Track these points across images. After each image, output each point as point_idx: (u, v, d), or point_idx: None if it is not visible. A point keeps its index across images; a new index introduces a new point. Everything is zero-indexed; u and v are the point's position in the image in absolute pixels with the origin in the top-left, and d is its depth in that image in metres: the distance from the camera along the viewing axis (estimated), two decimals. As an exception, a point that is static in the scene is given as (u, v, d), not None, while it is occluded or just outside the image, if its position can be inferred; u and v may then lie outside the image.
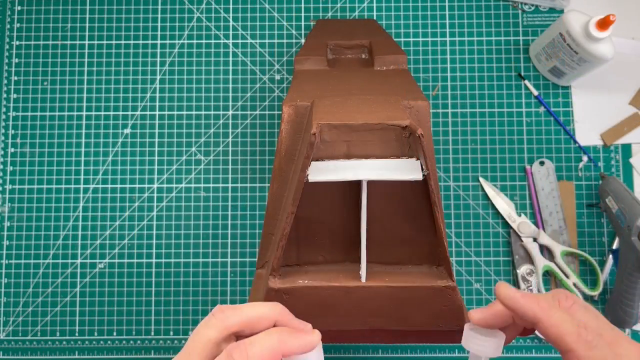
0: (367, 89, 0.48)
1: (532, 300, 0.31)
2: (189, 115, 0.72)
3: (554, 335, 0.30)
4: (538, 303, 0.31)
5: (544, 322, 0.30)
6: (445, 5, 0.73)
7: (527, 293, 0.32)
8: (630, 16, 0.72)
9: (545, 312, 0.30)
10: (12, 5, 0.74)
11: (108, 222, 0.71)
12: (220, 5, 0.74)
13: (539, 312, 0.30)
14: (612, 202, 0.65)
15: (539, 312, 0.30)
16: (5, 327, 0.70)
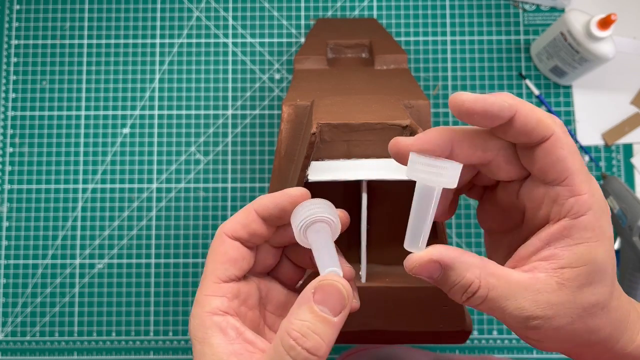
0: (368, 89, 0.48)
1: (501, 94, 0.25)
2: (188, 114, 0.72)
3: (535, 121, 0.25)
4: (508, 96, 0.25)
5: (520, 110, 0.25)
6: (446, 5, 0.73)
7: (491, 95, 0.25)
8: (631, 15, 0.72)
9: (517, 100, 0.25)
10: (11, 4, 0.74)
11: (107, 222, 0.70)
12: (219, 4, 0.74)
13: (514, 102, 0.25)
14: (613, 202, 0.65)
15: (513, 102, 0.25)
16: (4, 328, 0.70)
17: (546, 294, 0.24)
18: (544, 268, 0.25)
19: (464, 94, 0.25)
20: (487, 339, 0.69)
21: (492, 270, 0.25)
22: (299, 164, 0.37)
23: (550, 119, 0.26)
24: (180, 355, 0.69)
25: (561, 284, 0.24)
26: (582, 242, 0.24)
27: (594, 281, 0.25)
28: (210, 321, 0.25)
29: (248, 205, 0.28)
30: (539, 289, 0.24)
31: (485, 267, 0.25)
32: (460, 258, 0.25)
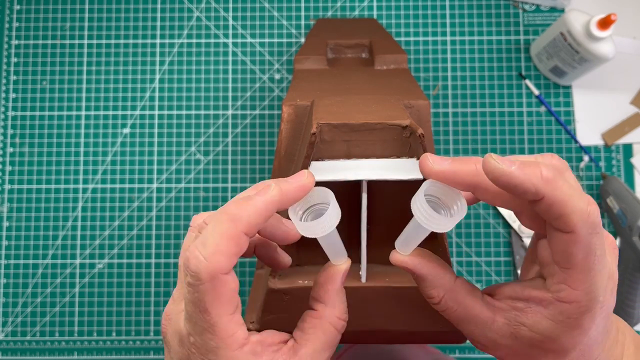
0: (368, 89, 0.48)
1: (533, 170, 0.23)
2: (188, 114, 0.72)
3: (558, 213, 0.23)
4: (541, 174, 0.23)
5: (548, 197, 0.23)
6: (446, 5, 0.73)
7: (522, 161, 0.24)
8: (631, 15, 0.72)
9: (550, 185, 0.23)
10: (11, 4, 0.74)
11: (107, 222, 0.71)
12: (220, 4, 0.74)
13: (542, 185, 0.23)
14: (613, 202, 0.65)
15: (542, 186, 0.23)
16: (5, 328, 0.70)
17: (497, 336, 0.27)
18: (508, 317, 0.27)
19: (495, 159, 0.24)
20: (487, 338, 0.69)
21: (457, 296, 0.28)
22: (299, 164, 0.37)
23: (580, 214, 0.23)
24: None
25: (514, 337, 0.26)
26: (554, 321, 0.25)
27: (547, 350, 0.26)
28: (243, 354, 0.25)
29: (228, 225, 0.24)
30: (492, 329, 0.27)
31: (452, 291, 0.28)
32: (431, 276, 0.28)
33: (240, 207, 0.24)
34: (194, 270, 0.23)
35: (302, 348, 0.27)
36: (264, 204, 0.24)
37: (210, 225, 0.24)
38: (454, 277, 0.29)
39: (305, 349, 0.27)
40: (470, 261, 0.69)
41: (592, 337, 0.26)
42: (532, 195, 0.23)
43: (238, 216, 0.24)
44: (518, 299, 0.27)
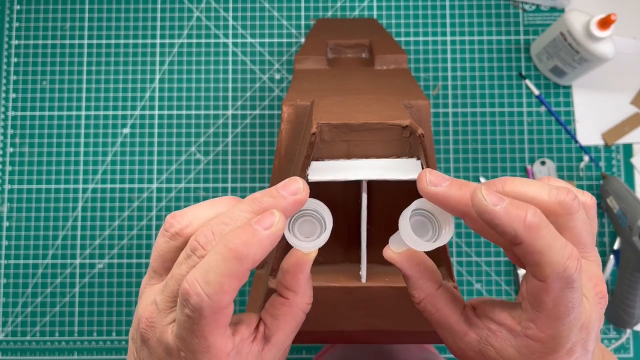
0: (368, 89, 0.48)
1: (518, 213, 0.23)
2: (188, 115, 0.72)
3: (533, 262, 0.24)
4: (524, 219, 0.23)
5: (526, 244, 0.23)
6: (446, 5, 0.73)
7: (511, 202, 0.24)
8: (631, 15, 0.72)
9: (532, 232, 0.23)
10: (11, 4, 0.74)
11: (107, 222, 0.70)
12: (220, 4, 0.74)
13: (523, 232, 0.23)
14: (613, 202, 0.65)
15: (522, 232, 0.23)
16: (5, 328, 0.70)
17: (467, 348, 0.28)
18: (480, 334, 0.28)
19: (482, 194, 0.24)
20: (487, 338, 0.69)
21: (437, 302, 0.29)
22: (299, 164, 0.37)
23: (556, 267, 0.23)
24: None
25: (482, 354, 0.27)
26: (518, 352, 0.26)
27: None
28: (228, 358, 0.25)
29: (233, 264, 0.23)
30: (463, 340, 0.28)
31: (432, 296, 0.29)
32: (415, 278, 0.29)
33: (245, 244, 0.23)
34: (195, 306, 0.23)
35: (274, 335, 0.28)
36: (269, 238, 0.24)
37: (213, 259, 0.23)
38: (438, 284, 0.29)
39: (276, 337, 0.28)
40: (470, 261, 0.69)
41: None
42: (511, 238, 0.24)
43: (244, 254, 0.23)
44: (493, 321, 0.27)
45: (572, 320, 0.25)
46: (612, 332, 0.68)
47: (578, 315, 0.25)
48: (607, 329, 0.68)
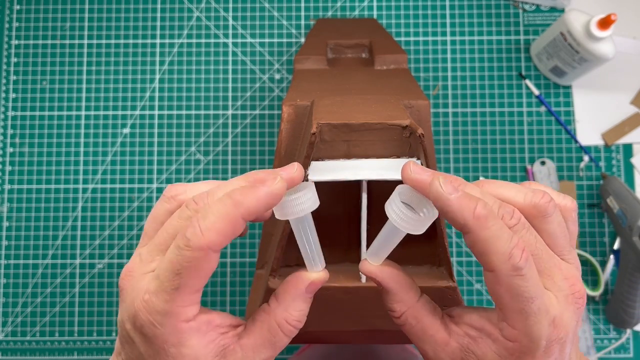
0: (368, 89, 0.48)
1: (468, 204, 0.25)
2: (188, 114, 0.72)
3: (480, 251, 0.25)
4: (474, 210, 0.25)
5: (472, 233, 0.25)
6: (446, 5, 0.73)
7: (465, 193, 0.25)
8: (631, 15, 0.72)
9: (479, 222, 0.25)
10: (11, 4, 0.74)
11: (107, 222, 0.70)
12: (220, 4, 0.74)
13: (471, 222, 0.25)
14: (613, 202, 0.65)
15: (470, 222, 0.25)
16: (5, 328, 0.70)
17: (447, 358, 0.28)
18: (461, 342, 0.28)
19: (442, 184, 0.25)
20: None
21: (418, 314, 0.29)
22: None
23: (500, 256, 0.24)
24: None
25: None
26: (497, 354, 0.26)
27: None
28: (187, 327, 0.26)
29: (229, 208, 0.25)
30: (445, 350, 0.28)
31: (414, 308, 0.29)
32: (397, 290, 0.29)
33: (244, 195, 0.25)
34: (188, 236, 0.24)
35: (245, 337, 0.28)
36: (266, 195, 0.26)
37: (212, 203, 0.25)
38: (418, 293, 0.29)
39: (247, 339, 0.28)
40: (470, 261, 0.69)
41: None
42: (461, 227, 0.25)
43: (240, 201, 0.25)
44: (472, 327, 0.28)
45: (537, 312, 0.25)
46: (612, 332, 0.68)
47: (543, 308, 0.25)
48: (607, 329, 0.68)
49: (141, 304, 0.26)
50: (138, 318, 0.26)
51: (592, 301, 0.69)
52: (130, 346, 0.27)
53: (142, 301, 0.26)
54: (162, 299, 0.25)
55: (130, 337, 0.27)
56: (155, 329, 0.25)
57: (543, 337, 0.25)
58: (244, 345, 0.27)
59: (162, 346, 0.26)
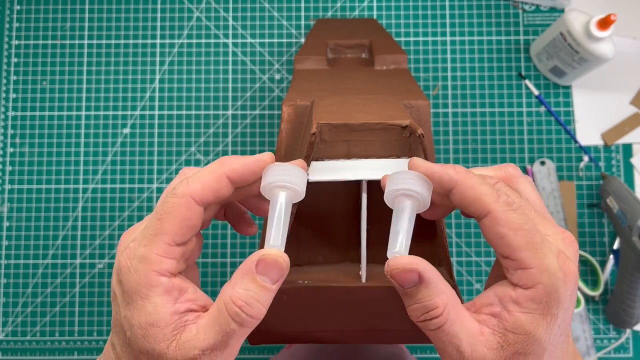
0: (367, 89, 0.48)
1: (448, 167, 0.27)
2: (188, 115, 0.72)
3: (471, 198, 0.26)
4: (454, 168, 0.27)
5: (459, 184, 0.26)
6: (446, 5, 0.73)
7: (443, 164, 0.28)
8: (631, 15, 0.72)
9: (462, 175, 0.27)
10: (11, 4, 0.74)
11: (107, 222, 0.71)
12: (220, 4, 0.74)
13: (455, 175, 0.27)
14: (613, 202, 0.65)
15: (454, 175, 0.27)
16: (5, 327, 0.70)
17: (485, 349, 0.26)
18: (492, 324, 0.26)
19: (418, 160, 0.28)
20: (487, 338, 0.69)
21: (456, 305, 0.27)
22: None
23: (489, 196, 0.26)
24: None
25: (501, 345, 0.26)
26: (527, 312, 0.25)
27: (529, 352, 0.26)
28: (157, 281, 0.25)
29: (216, 166, 0.27)
30: (480, 341, 0.26)
31: (453, 298, 0.27)
32: (437, 280, 0.26)
33: (231, 158, 0.28)
34: (174, 187, 0.26)
35: (202, 317, 0.26)
36: (255, 162, 0.28)
37: (203, 167, 0.28)
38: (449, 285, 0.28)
39: (202, 319, 0.26)
40: (470, 261, 0.69)
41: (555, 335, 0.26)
42: (447, 183, 0.27)
43: (226, 161, 0.27)
44: (492, 305, 0.27)
45: (541, 243, 0.25)
46: (611, 332, 0.68)
47: (545, 241, 0.26)
48: (607, 329, 0.68)
49: (125, 251, 0.26)
50: (119, 265, 0.26)
51: (592, 301, 0.69)
52: (114, 302, 0.27)
53: (126, 248, 0.26)
54: (142, 244, 0.26)
55: (114, 292, 0.27)
56: (130, 274, 0.25)
57: (558, 269, 0.25)
58: (199, 324, 0.26)
59: (132, 296, 0.25)
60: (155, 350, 0.25)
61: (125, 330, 0.26)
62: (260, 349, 0.69)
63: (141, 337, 0.25)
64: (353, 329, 0.40)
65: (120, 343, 0.27)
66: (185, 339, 0.25)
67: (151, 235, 0.26)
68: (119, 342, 0.27)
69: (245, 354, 0.70)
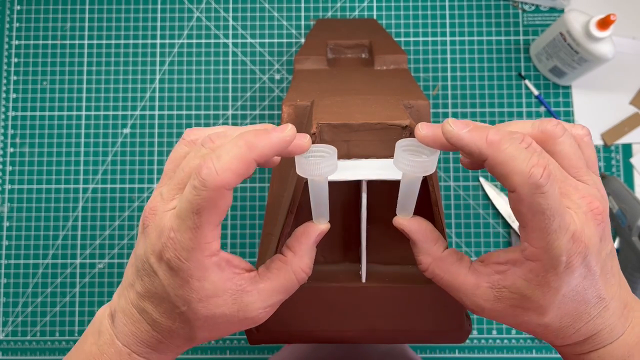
0: (367, 89, 0.48)
1: (479, 134, 0.26)
2: (188, 115, 0.72)
3: (500, 174, 0.26)
4: (486, 137, 0.26)
5: (490, 159, 0.26)
6: (446, 5, 0.73)
7: (478, 125, 0.27)
8: (630, 16, 0.72)
9: (493, 147, 0.25)
10: (12, 4, 0.74)
11: (108, 222, 0.71)
12: (220, 4, 0.74)
13: (485, 148, 0.26)
14: (612, 202, 0.65)
15: (484, 148, 0.26)
16: (5, 327, 0.70)
17: (482, 300, 0.29)
18: (493, 279, 0.29)
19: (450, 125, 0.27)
20: (487, 338, 0.69)
21: (444, 265, 0.30)
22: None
23: (519, 175, 0.25)
24: (181, 355, 0.69)
25: (497, 298, 0.29)
26: (525, 279, 0.28)
27: (527, 308, 0.28)
28: (210, 262, 0.28)
29: (244, 151, 0.26)
30: (477, 294, 0.29)
31: (440, 259, 0.31)
32: (423, 242, 0.31)
33: (257, 138, 0.27)
34: (203, 177, 0.26)
35: (262, 282, 0.30)
36: (279, 140, 0.27)
37: (228, 145, 0.27)
38: (444, 246, 0.31)
39: (264, 284, 0.30)
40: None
41: (569, 297, 0.27)
42: (477, 155, 0.26)
43: (254, 145, 0.27)
44: (500, 264, 0.29)
45: (557, 229, 0.26)
46: (611, 331, 0.68)
47: (563, 224, 0.26)
48: (607, 329, 0.69)
49: (168, 241, 0.27)
50: (165, 253, 0.27)
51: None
52: (151, 278, 0.29)
53: (169, 238, 0.27)
54: (187, 237, 0.27)
55: (153, 270, 0.28)
56: (182, 263, 0.27)
57: (563, 253, 0.26)
58: (261, 289, 0.29)
59: (187, 279, 0.27)
60: (216, 315, 0.29)
61: (180, 306, 0.28)
62: (261, 349, 0.69)
63: (202, 308, 0.28)
64: (353, 328, 0.40)
65: (162, 311, 0.29)
66: (248, 302, 0.29)
67: (194, 228, 0.27)
68: (159, 310, 0.29)
69: (246, 353, 0.70)
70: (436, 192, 0.36)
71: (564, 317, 0.28)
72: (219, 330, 0.30)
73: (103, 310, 0.33)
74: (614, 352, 0.29)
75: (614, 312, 0.29)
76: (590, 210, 0.27)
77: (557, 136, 0.28)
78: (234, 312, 0.29)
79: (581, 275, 0.27)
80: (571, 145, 0.28)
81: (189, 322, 0.29)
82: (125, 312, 0.30)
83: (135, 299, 0.30)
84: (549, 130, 0.28)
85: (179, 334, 0.30)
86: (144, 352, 0.31)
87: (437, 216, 0.36)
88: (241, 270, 0.30)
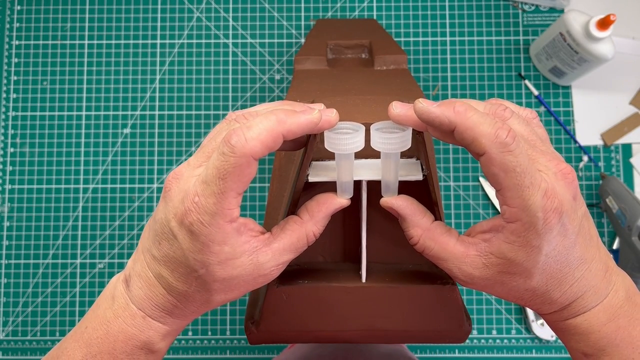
0: (367, 89, 0.48)
1: (447, 106, 0.28)
2: (188, 115, 0.72)
3: (469, 139, 0.27)
4: (454, 108, 0.27)
5: (459, 126, 0.27)
6: (445, 5, 0.73)
7: (445, 101, 0.28)
8: (630, 16, 0.72)
9: (460, 115, 0.27)
10: (12, 5, 0.74)
11: (108, 222, 0.71)
12: (220, 5, 0.74)
13: (454, 117, 0.27)
14: (612, 202, 0.65)
15: (453, 117, 0.27)
16: (5, 327, 0.70)
17: (471, 268, 0.31)
18: (480, 248, 0.30)
19: (421, 102, 0.29)
20: (487, 338, 0.69)
21: (433, 235, 0.32)
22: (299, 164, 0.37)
23: (487, 137, 0.27)
24: (181, 355, 0.69)
25: (485, 265, 0.30)
26: (508, 242, 0.29)
27: (514, 273, 0.29)
28: (231, 228, 0.29)
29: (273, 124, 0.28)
30: (466, 262, 0.31)
31: (429, 230, 0.32)
32: (412, 216, 0.32)
33: (287, 116, 0.29)
34: (233, 144, 0.27)
35: (276, 242, 0.31)
36: (306, 121, 0.29)
37: (258, 117, 0.28)
38: (431, 218, 0.33)
39: (277, 244, 0.31)
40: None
41: (552, 258, 0.29)
42: (447, 125, 0.28)
43: (284, 121, 0.28)
44: (484, 232, 0.30)
45: (529, 185, 0.27)
46: (611, 331, 0.68)
47: (534, 182, 0.27)
48: (607, 329, 0.69)
49: (191, 204, 0.28)
50: (188, 217, 0.28)
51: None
52: (170, 242, 0.30)
53: (192, 202, 0.28)
54: (211, 201, 0.28)
55: (173, 233, 0.29)
56: (204, 227, 0.28)
57: (539, 209, 0.27)
58: (274, 249, 0.31)
59: (207, 243, 0.28)
60: (233, 276, 0.30)
61: (198, 269, 0.29)
62: (261, 349, 0.69)
63: (220, 270, 0.29)
64: (353, 328, 0.40)
65: (178, 275, 0.30)
66: (263, 261, 0.31)
67: (219, 193, 0.28)
68: (176, 274, 0.30)
69: (246, 353, 0.70)
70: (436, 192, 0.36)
71: (550, 280, 0.29)
72: (234, 291, 0.31)
73: (116, 278, 0.34)
74: (600, 314, 0.30)
75: (596, 273, 0.30)
76: (559, 170, 0.28)
77: (506, 118, 0.30)
78: (250, 271, 0.30)
79: (560, 233, 0.28)
80: (520, 124, 0.30)
81: (205, 285, 0.30)
82: (140, 276, 0.32)
83: (152, 262, 0.31)
84: (498, 113, 0.30)
85: (194, 298, 0.31)
86: (158, 316, 0.32)
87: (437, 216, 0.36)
88: (257, 232, 0.31)
